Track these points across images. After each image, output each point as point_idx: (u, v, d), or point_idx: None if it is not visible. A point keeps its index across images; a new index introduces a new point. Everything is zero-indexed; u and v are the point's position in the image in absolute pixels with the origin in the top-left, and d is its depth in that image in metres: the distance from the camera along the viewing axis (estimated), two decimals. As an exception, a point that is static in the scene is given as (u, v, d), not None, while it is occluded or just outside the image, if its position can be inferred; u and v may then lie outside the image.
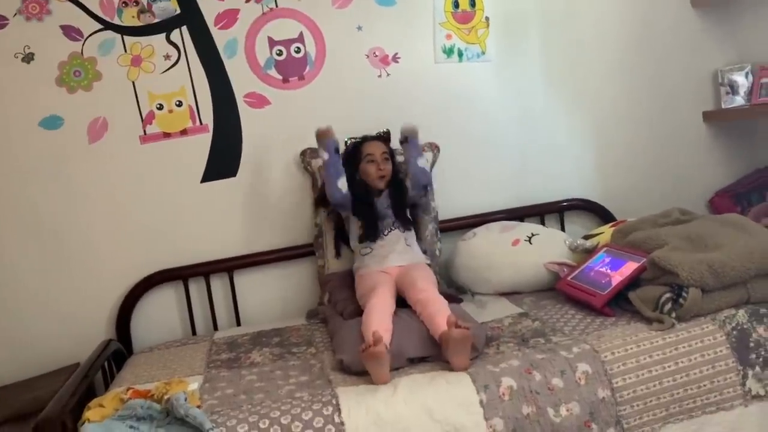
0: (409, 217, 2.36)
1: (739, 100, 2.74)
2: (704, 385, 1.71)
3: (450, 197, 2.63)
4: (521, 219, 2.64)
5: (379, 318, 1.88)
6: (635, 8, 2.78)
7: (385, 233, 2.26)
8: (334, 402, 1.62)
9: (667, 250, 1.92)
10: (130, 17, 2.38)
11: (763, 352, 1.75)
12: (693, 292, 1.79)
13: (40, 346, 2.38)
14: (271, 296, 2.56)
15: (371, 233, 2.25)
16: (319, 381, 1.77)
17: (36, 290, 2.39)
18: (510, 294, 2.32)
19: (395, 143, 2.40)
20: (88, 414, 1.63)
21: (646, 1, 2.78)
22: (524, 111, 2.72)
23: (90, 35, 2.35)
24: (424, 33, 2.61)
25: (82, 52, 2.35)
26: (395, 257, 2.22)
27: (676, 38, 2.81)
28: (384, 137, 2.42)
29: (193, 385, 1.77)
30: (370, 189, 2.30)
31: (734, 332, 1.76)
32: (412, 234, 2.33)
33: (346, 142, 2.42)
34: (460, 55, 2.64)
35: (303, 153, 2.49)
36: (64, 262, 2.40)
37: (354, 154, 2.34)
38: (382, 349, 1.68)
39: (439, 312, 1.83)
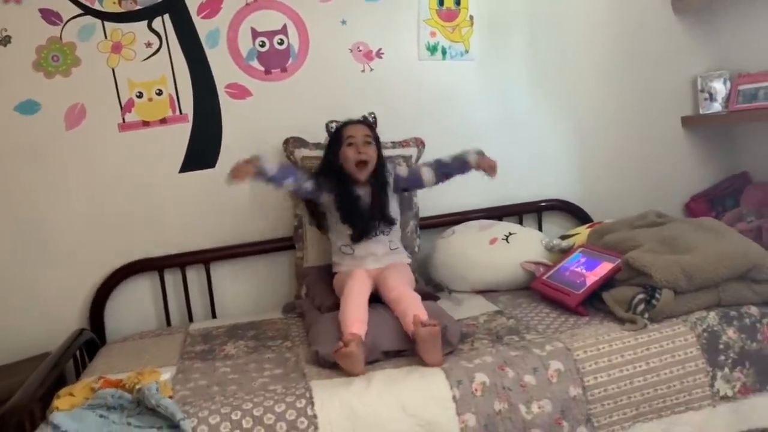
0: (392, 216, 2.22)
1: (717, 107, 2.78)
2: (674, 386, 1.73)
3: (431, 194, 2.61)
4: (500, 218, 2.66)
5: (356, 304, 1.89)
6: (620, 13, 2.80)
7: (369, 237, 2.18)
8: (307, 395, 1.61)
9: (641, 251, 1.94)
10: (111, 3, 2.35)
11: (732, 354, 1.78)
12: (666, 293, 1.82)
13: (13, 334, 2.34)
14: (247, 289, 2.55)
15: (359, 236, 2.16)
16: (294, 374, 1.77)
17: (9, 277, 2.35)
18: (486, 292, 2.34)
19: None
20: (57, 402, 1.61)
21: (630, 6, 2.81)
22: (506, 111, 2.73)
23: (69, 20, 2.32)
24: (409, 29, 2.61)
25: (60, 37, 2.32)
26: (372, 261, 2.16)
27: (658, 43, 2.84)
28: (368, 122, 2.31)
29: (165, 375, 1.76)
30: (352, 180, 2.19)
31: (705, 334, 1.79)
32: (397, 235, 2.27)
33: (327, 125, 2.32)
34: (444, 52, 2.65)
35: (286, 142, 2.45)
36: (39, 250, 2.37)
37: (335, 139, 2.24)
38: (353, 349, 1.69)
39: (409, 308, 1.84)
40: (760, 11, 2.61)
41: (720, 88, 2.77)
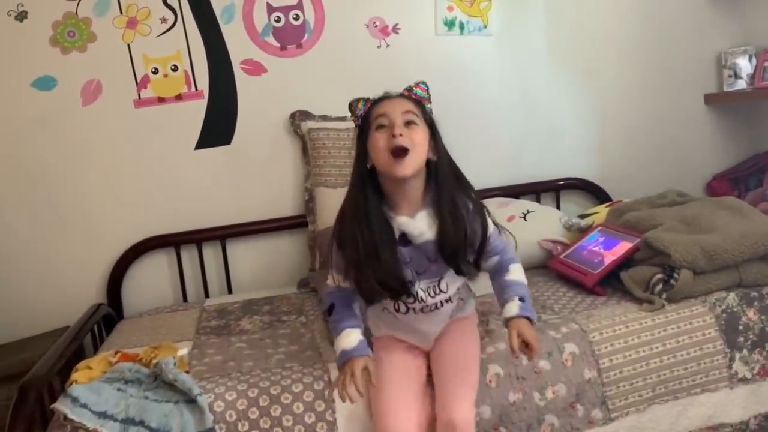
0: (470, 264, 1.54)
1: (742, 84, 2.71)
2: (691, 367, 1.71)
3: (446, 172, 2.60)
4: (517, 196, 2.63)
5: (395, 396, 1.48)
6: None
7: (411, 302, 1.53)
8: (325, 378, 1.59)
9: (660, 230, 1.91)
10: (126, -23, 2.34)
11: (751, 336, 1.76)
12: (684, 273, 1.78)
13: (31, 308, 2.37)
14: (263, 265, 2.55)
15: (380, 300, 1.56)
16: (309, 351, 1.76)
17: (28, 253, 2.38)
18: (503, 271, 2.31)
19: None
20: (75, 375, 1.62)
21: (654, -20, 2.74)
22: (525, 87, 2.69)
23: (85, -5, 2.31)
24: (425, 4, 2.57)
25: (76, 12, 2.31)
26: (427, 329, 1.59)
27: (682, 19, 2.77)
28: (414, 95, 1.55)
29: (183, 350, 1.76)
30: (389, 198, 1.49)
31: (724, 315, 1.76)
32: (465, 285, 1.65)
33: (352, 105, 1.56)
34: (462, 27, 2.60)
35: (292, 116, 2.44)
36: (57, 225, 2.39)
37: (362, 126, 1.52)
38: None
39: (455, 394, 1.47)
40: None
41: (744, 64, 2.70)
